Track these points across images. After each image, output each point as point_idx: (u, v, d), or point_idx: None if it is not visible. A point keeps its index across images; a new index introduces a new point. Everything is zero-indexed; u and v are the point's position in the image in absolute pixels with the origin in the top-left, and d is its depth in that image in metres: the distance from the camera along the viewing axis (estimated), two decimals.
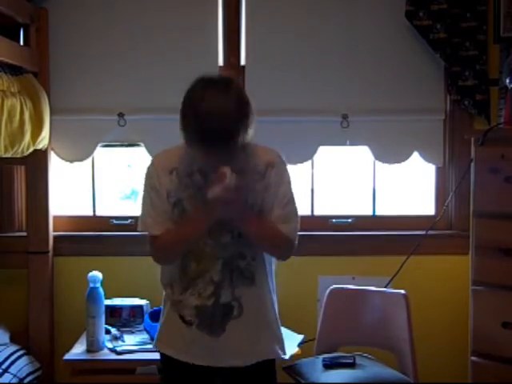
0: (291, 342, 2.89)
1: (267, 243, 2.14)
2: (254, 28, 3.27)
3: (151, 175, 2.15)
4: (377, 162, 3.34)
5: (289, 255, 2.21)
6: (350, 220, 3.38)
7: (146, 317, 3.04)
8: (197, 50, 3.22)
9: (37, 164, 3.18)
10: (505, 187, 2.73)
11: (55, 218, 3.29)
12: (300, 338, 2.96)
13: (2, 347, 2.95)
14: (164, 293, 2.25)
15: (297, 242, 2.17)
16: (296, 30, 3.26)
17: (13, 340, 3.07)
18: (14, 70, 2.91)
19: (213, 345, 2.13)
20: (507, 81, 2.93)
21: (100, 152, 3.32)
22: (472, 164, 2.87)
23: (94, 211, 3.39)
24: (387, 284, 3.14)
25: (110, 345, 2.90)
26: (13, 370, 2.87)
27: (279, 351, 2.23)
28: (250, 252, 2.14)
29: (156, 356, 2.78)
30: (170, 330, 2.20)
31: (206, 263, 2.12)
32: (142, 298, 3.16)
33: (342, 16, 3.28)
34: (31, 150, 2.96)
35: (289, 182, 2.15)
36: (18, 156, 2.90)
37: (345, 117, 3.26)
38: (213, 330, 2.12)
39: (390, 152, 3.31)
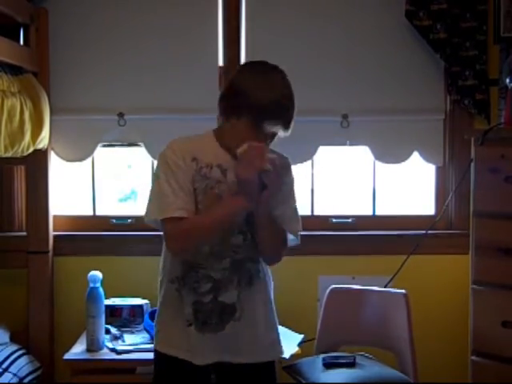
0: (291, 342, 2.89)
1: (273, 231, 2.10)
2: (254, 28, 3.28)
3: (174, 155, 2.05)
4: (377, 161, 3.34)
5: (280, 256, 2.18)
6: (350, 220, 3.38)
7: (146, 317, 3.04)
8: (197, 50, 3.23)
9: (37, 164, 3.18)
10: (505, 187, 2.73)
11: (55, 217, 3.29)
12: (300, 337, 2.96)
13: (2, 347, 2.95)
14: (162, 291, 2.21)
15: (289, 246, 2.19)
16: (296, 30, 3.27)
17: (13, 339, 3.07)
18: (14, 70, 2.91)
19: (212, 341, 2.10)
20: (507, 81, 2.94)
21: (100, 152, 3.32)
22: (472, 164, 2.88)
23: (94, 211, 3.39)
24: (387, 284, 3.14)
25: (109, 344, 2.89)
26: (13, 369, 2.87)
27: (278, 351, 2.24)
28: (257, 254, 2.13)
29: None
30: (173, 329, 2.16)
31: (201, 259, 2.08)
32: (142, 298, 3.16)
33: (341, 16, 3.27)
34: (31, 149, 2.95)
35: (294, 193, 2.19)
36: (18, 156, 2.90)
37: (345, 117, 3.26)
38: (210, 326, 2.10)
39: (390, 152, 3.31)
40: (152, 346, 2.84)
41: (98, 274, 2.92)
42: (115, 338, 2.94)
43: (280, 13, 3.27)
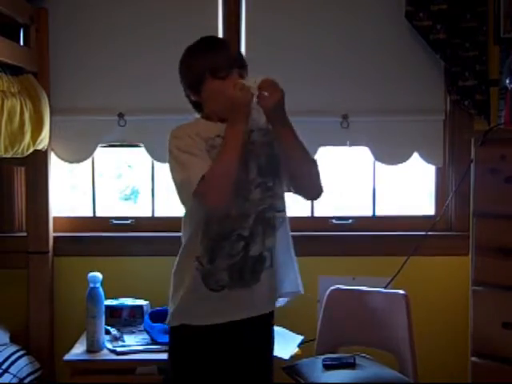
0: (291, 343, 2.89)
1: (304, 155, 2.21)
2: (254, 28, 3.28)
3: (183, 135, 2.17)
4: (377, 162, 3.34)
5: (320, 183, 2.29)
6: (350, 220, 3.38)
7: (146, 317, 3.04)
8: None
9: (37, 164, 3.18)
10: (505, 188, 2.73)
11: (55, 218, 3.29)
12: (300, 338, 2.96)
13: (2, 347, 2.95)
14: (184, 267, 2.23)
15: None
16: (296, 31, 3.27)
17: (13, 340, 3.07)
18: (14, 70, 2.91)
19: (245, 296, 2.20)
20: (507, 81, 2.94)
21: (100, 152, 3.32)
22: (472, 164, 2.87)
23: (94, 212, 3.39)
24: (387, 284, 3.14)
25: (109, 345, 2.89)
26: (13, 370, 2.86)
27: (300, 288, 2.35)
28: (279, 203, 2.24)
29: (155, 356, 2.80)
30: (198, 303, 2.21)
31: (232, 223, 2.17)
32: (141, 299, 3.16)
33: (341, 16, 3.28)
34: (31, 150, 2.95)
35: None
36: (18, 156, 2.90)
37: (345, 117, 3.27)
38: (245, 282, 2.20)
39: (390, 152, 3.31)
40: (152, 346, 2.87)
41: (98, 274, 2.91)
42: (115, 338, 2.94)
43: (280, 12, 3.27)
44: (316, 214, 3.41)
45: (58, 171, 3.32)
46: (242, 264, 2.19)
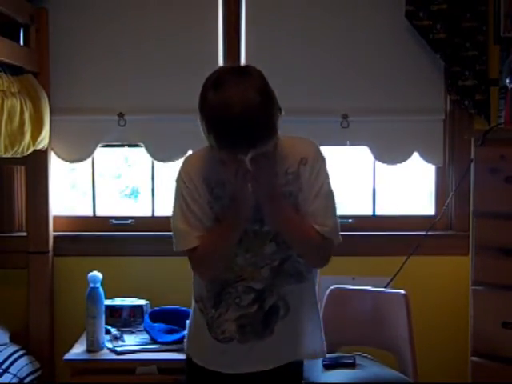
0: None
1: (296, 236, 1.96)
2: (254, 28, 3.28)
3: (186, 181, 1.96)
4: (377, 162, 3.34)
5: (323, 259, 2.02)
6: (350, 220, 3.37)
7: (146, 317, 3.04)
8: (197, 50, 3.23)
9: (37, 164, 3.18)
10: (505, 187, 2.73)
11: (55, 217, 3.29)
12: None
13: (2, 347, 2.96)
14: (193, 304, 2.11)
15: (336, 243, 2.00)
16: (296, 31, 3.27)
17: (13, 340, 3.07)
18: (14, 70, 2.91)
19: (255, 349, 2.02)
20: (507, 81, 2.93)
21: (100, 152, 3.32)
22: (472, 164, 2.87)
23: (94, 211, 3.39)
24: (387, 284, 3.14)
25: (109, 345, 2.89)
26: (13, 369, 2.87)
27: (323, 350, 2.15)
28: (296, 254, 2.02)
29: (155, 356, 2.81)
30: (203, 345, 2.07)
31: (236, 273, 2.00)
32: (142, 298, 3.16)
33: (341, 16, 3.27)
34: (31, 150, 2.95)
35: (326, 178, 1.99)
36: (18, 156, 2.90)
37: (345, 117, 3.26)
38: (257, 335, 2.01)
39: (389, 152, 3.31)
40: (152, 346, 2.88)
41: (98, 274, 2.92)
42: (115, 338, 2.94)
43: (280, 13, 3.27)
44: None
45: (58, 171, 3.33)
46: (254, 316, 2.00)
